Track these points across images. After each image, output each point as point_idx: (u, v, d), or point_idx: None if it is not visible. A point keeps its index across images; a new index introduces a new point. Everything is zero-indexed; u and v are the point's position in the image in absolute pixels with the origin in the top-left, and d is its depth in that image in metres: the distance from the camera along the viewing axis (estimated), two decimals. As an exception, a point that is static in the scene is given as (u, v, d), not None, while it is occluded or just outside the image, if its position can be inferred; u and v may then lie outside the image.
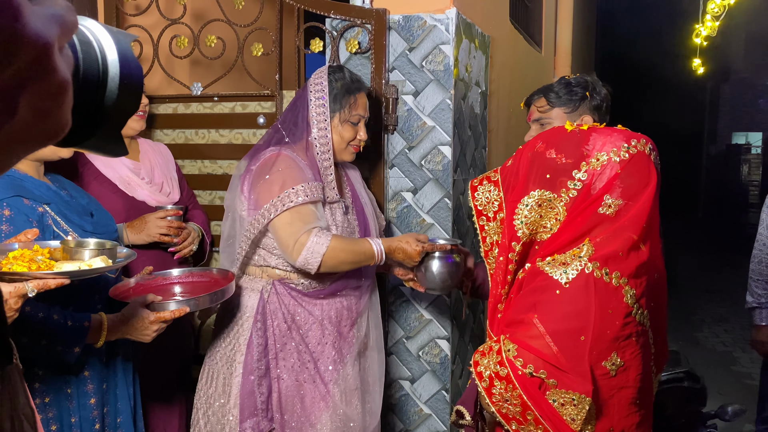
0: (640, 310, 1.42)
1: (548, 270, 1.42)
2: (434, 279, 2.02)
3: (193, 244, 2.36)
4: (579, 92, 2.01)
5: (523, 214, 1.51)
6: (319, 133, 2.00)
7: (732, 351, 6.07)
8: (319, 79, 2.03)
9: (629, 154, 1.46)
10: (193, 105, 2.72)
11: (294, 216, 1.88)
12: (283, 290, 2.02)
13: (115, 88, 0.57)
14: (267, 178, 1.95)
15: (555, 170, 1.49)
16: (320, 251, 1.85)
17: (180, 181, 2.53)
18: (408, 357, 2.62)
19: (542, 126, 2.05)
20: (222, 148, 2.70)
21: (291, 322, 2.02)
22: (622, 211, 1.45)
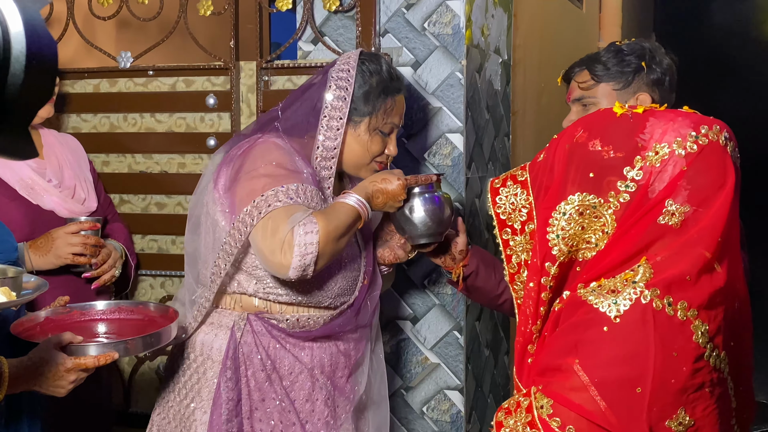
0: (716, 351, 1.43)
1: (593, 300, 1.42)
2: (423, 220, 2.01)
3: (115, 268, 2.36)
4: (633, 63, 2.03)
5: (559, 225, 1.52)
6: (328, 133, 1.99)
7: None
8: (346, 66, 2.02)
9: (698, 146, 1.46)
10: (120, 81, 2.73)
11: (279, 219, 1.84)
12: (261, 328, 2.00)
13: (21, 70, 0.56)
14: (250, 171, 1.94)
15: (601, 167, 1.50)
16: (313, 241, 1.80)
17: (96, 184, 2.53)
18: (409, 414, 2.62)
19: (585, 107, 2.07)
20: (159, 138, 2.71)
21: (272, 370, 2.00)
22: (689, 221, 1.45)
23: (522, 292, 1.62)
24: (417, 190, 2.02)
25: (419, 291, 2.59)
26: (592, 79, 2.05)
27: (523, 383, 1.55)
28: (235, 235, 1.90)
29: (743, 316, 1.55)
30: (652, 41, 2.14)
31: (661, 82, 2.05)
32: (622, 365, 1.38)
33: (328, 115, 1.99)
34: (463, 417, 2.58)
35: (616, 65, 2.04)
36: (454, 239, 2.12)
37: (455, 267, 2.11)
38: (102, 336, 1.98)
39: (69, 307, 2.03)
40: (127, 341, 1.81)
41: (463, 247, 2.11)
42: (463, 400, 2.58)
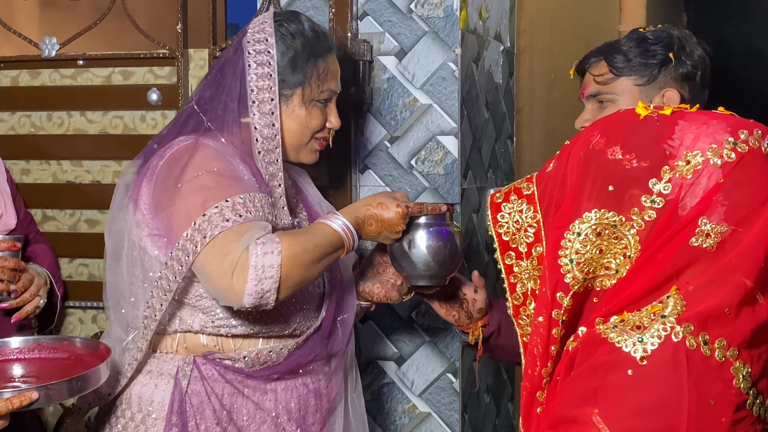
0: (760, 398, 1.44)
1: (615, 338, 1.44)
2: (425, 258, 2.00)
3: (40, 297, 2.35)
4: (660, 54, 2.05)
5: (573, 248, 1.53)
6: (263, 120, 1.98)
7: None
8: (262, 33, 2.02)
9: (737, 154, 1.48)
10: (44, 73, 2.74)
11: (221, 240, 1.82)
12: (212, 373, 1.98)
13: None
14: (179, 187, 1.90)
15: (622, 179, 1.52)
16: (274, 263, 1.77)
17: (14, 197, 2.52)
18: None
19: (602, 105, 2.10)
20: (91, 141, 2.72)
21: (228, 422, 1.99)
22: (727, 243, 1.47)
23: (529, 328, 1.63)
24: (422, 221, 2.00)
25: (406, 326, 2.60)
26: (611, 72, 2.08)
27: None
28: (173, 266, 1.87)
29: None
30: (681, 28, 2.17)
31: (691, 77, 2.08)
32: (650, 416, 1.39)
33: (256, 99, 1.98)
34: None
35: (639, 56, 2.06)
36: (471, 294, 2.13)
37: (473, 327, 2.13)
38: (18, 380, 1.98)
39: (-22, 345, 2.03)
40: (48, 386, 1.79)
41: (483, 305, 2.13)
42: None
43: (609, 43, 2.14)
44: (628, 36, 2.12)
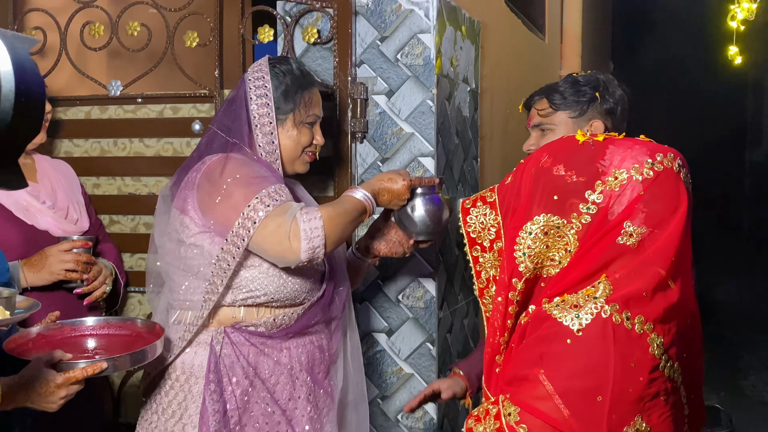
0: (670, 362, 1.45)
1: (557, 314, 1.44)
2: (423, 219, 2.09)
3: (106, 285, 2.34)
4: (588, 93, 2.06)
5: (525, 244, 1.54)
6: (265, 139, 2.01)
7: (782, 404, 6.17)
8: (260, 73, 2.05)
9: (654, 172, 1.49)
10: (111, 108, 2.72)
11: (270, 219, 1.85)
12: (239, 338, 1.98)
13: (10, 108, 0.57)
14: (224, 190, 1.92)
15: (564, 191, 1.52)
16: (317, 225, 1.83)
17: (87, 206, 2.52)
18: (384, 422, 2.62)
19: (543, 132, 2.10)
20: (147, 162, 2.70)
21: (254, 376, 1.99)
22: (646, 241, 1.48)
23: (490, 306, 1.64)
24: (420, 191, 2.08)
25: (394, 305, 2.60)
26: (551, 107, 2.08)
27: (492, 392, 1.57)
28: (231, 250, 1.89)
29: (694, 330, 1.58)
30: (606, 73, 2.18)
31: (613, 111, 2.08)
32: (584, 376, 1.40)
33: (258, 123, 2.02)
34: (436, 424, 2.59)
35: (572, 95, 2.06)
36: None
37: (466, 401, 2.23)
38: (91, 351, 1.97)
39: (60, 323, 2.01)
40: (115, 358, 1.79)
41: None
42: (436, 408, 2.58)
43: (549, 85, 2.14)
44: (564, 79, 2.12)
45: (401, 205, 2.09)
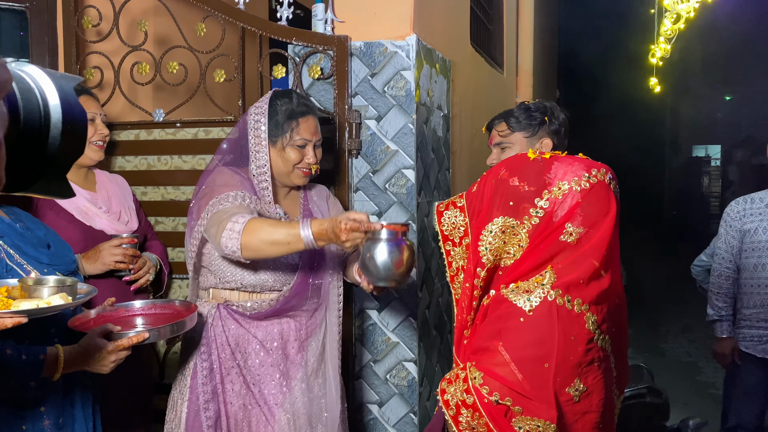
0: (602, 335, 1.45)
1: (512, 298, 1.44)
2: (376, 266, 1.67)
3: (149, 274, 2.33)
4: (538, 117, 2.05)
5: (487, 240, 1.54)
6: (256, 155, 2.01)
7: (697, 361, 6.19)
8: (261, 104, 2.05)
9: (590, 184, 1.49)
10: (155, 131, 2.70)
11: (221, 214, 1.85)
12: (225, 314, 2.02)
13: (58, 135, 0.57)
14: (203, 190, 1.99)
15: (518, 198, 1.52)
16: (238, 230, 1.76)
17: (138, 211, 2.50)
18: (375, 380, 2.61)
19: (503, 150, 2.09)
20: (185, 174, 2.67)
21: (234, 345, 2.01)
22: (583, 239, 1.48)
23: (459, 290, 1.63)
24: (383, 236, 1.67)
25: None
26: (508, 129, 2.07)
27: (461, 359, 1.56)
28: (195, 237, 1.96)
29: (621, 308, 1.58)
30: (552, 101, 2.17)
31: (558, 131, 2.08)
32: (534, 347, 1.40)
33: (253, 143, 2.01)
34: (417, 382, 2.58)
35: (525, 119, 2.06)
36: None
37: None
38: (140, 326, 1.96)
39: (115, 305, 2.01)
40: (159, 328, 1.79)
41: None
42: (417, 369, 2.58)
43: (507, 111, 2.12)
44: (518, 106, 2.11)
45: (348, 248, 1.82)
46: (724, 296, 3.28)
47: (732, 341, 3.29)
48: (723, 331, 3.32)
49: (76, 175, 2.33)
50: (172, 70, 2.63)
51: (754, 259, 3.18)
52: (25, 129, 0.55)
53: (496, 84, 4.31)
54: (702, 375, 5.77)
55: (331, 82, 2.54)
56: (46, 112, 0.57)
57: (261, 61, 2.58)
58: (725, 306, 3.29)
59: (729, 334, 3.30)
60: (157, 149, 2.70)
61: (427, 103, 2.69)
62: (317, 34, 2.51)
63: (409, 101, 2.51)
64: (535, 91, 5.03)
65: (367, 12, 2.55)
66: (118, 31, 2.65)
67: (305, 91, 2.58)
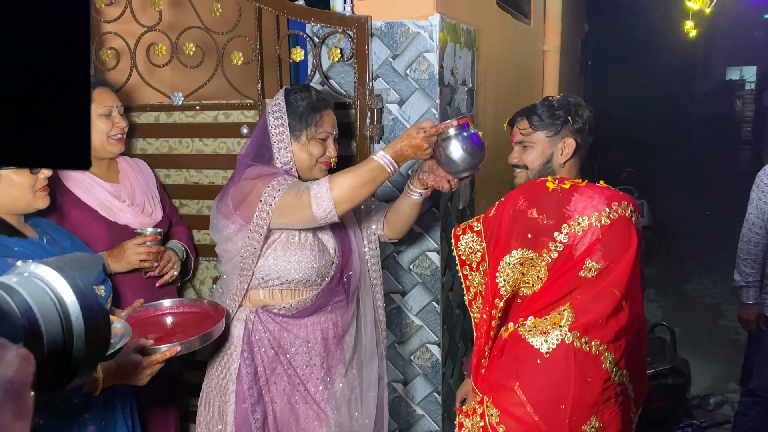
0: (620, 371, 1.45)
1: (529, 338, 1.44)
2: (462, 158, 1.84)
3: (174, 269, 2.36)
4: (561, 116, 1.98)
5: (505, 272, 1.52)
6: (281, 153, 2.00)
7: (719, 303, 6.19)
8: (277, 101, 2.03)
9: (610, 220, 1.45)
10: (175, 114, 2.67)
11: (285, 198, 1.86)
12: (266, 317, 2.04)
13: (81, 347, 0.57)
14: (245, 191, 1.95)
15: (537, 231, 1.49)
16: (324, 190, 1.81)
17: (162, 197, 2.51)
18: (400, 361, 2.67)
19: (524, 148, 2.03)
20: (206, 158, 2.66)
21: (278, 347, 2.05)
22: (603, 273, 1.46)
23: (477, 315, 1.64)
24: (452, 132, 1.83)
25: (406, 272, 2.60)
26: (531, 127, 2.01)
27: (478, 388, 1.58)
28: (254, 236, 1.92)
29: (640, 333, 1.57)
30: (577, 96, 2.09)
31: (582, 130, 2.01)
32: (550, 389, 1.41)
33: (276, 140, 2.00)
34: (440, 363, 2.63)
35: (548, 117, 1.99)
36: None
37: None
38: (169, 326, 2.01)
39: (144, 306, 2.06)
40: (189, 341, 1.83)
41: None
42: (440, 351, 2.62)
43: (529, 107, 2.05)
44: (541, 103, 2.03)
45: (429, 154, 1.88)
46: (753, 262, 3.25)
47: (757, 307, 3.28)
48: (749, 297, 3.30)
49: (98, 167, 2.33)
50: (189, 52, 2.57)
51: (785, 226, 3.13)
52: (49, 354, 0.55)
53: (524, 37, 4.14)
54: (724, 318, 5.78)
55: (351, 64, 2.46)
56: (68, 325, 0.57)
57: (279, 43, 2.51)
58: (753, 272, 3.26)
59: (755, 300, 3.28)
60: (178, 132, 2.67)
61: (451, 82, 2.61)
62: (336, 15, 2.41)
63: (433, 85, 2.44)
64: (563, 38, 4.83)
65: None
66: (132, 11, 2.58)
67: (325, 73, 2.52)
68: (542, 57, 4.64)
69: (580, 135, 2.01)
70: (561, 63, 4.86)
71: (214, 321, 1.97)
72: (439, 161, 1.90)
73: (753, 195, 3.25)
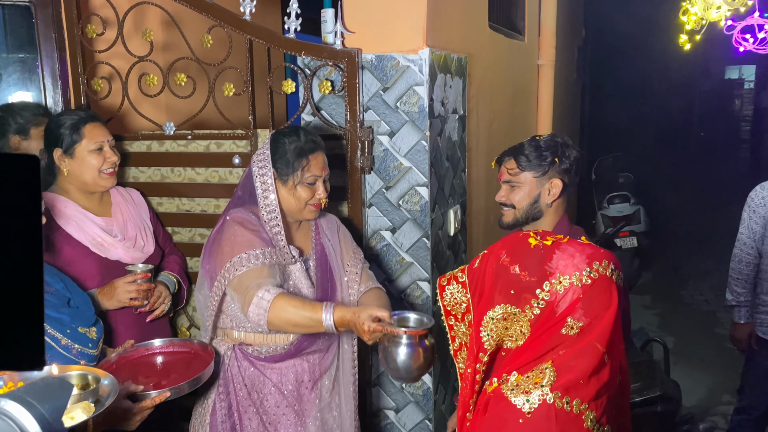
0: (601, 428, 1.46)
1: (512, 398, 1.45)
2: (396, 366, 1.77)
3: (165, 304, 2.38)
4: (548, 157, 2.00)
5: (489, 327, 1.54)
6: (265, 202, 2.02)
7: (716, 311, 6.20)
8: (262, 149, 2.04)
9: (591, 279, 1.47)
10: (167, 142, 2.68)
11: (244, 277, 1.90)
12: (241, 355, 2.07)
13: None
14: (220, 244, 1.99)
15: (519, 287, 1.50)
16: (264, 307, 1.84)
17: (155, 226, 2.53)
18: (392, 388, 2.69)
19: (512, 188, 2.05)
20: (199, 186, 2.68)
21: (250, 386, 2.08)
22: (585, 330, 1.47)
23: (463, 365, 1.65)
24: (404, 339, 1.76)
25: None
26: (518, 167, 2.03)
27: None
28: (214, 297, 1.98)
29: (623, 385, 1.58)
30: (565, 136, 2.10)
31: (569, 170, 2.03)
32: (532, 449, 1.43)
33: (260, 186, 2.02)
34: (432, 391, 2.65)
35: (536, 158, 2.01)
36: None
37: None
38: (159, 366, 2.03)
39: (135, 346, 2.08)
40: (179, 386, 1.84)
41: None
42: (432, 380, 2.64)
43: (516, 147, 2.06)
44: (528, 142, 2.05)
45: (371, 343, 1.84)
46: (744, 282, 3.27)
47: (749, 327, 3.30)
48: (741, 317, 3.33)
49: (90, 201, 2.35)
50: (180, 83, 2.59)
51: (777, 246, 3.14)
52: None
53: (518, 54, 4.14)
54: (720, 327, 5.80)
55: (342, 96, 2.48)
56: None
57: (270, 75, 2.52)
58: (744, 292, 3.29)
59: (747, 320, 3.31)
60: (170, 161, 2.69)
61: (442, 113, 2.62)
62: (327, 48, 2.43)
63: (422, 117, 2.45)
64: (558, 53, 4.83)
65: (379, 23, 2.45)
66: (123, 41, 2.59)
67: (316, 104, 2.53)
68: (537, 71, 4.64)
69: (567, 175, 2.03)
70: (556, 74, 4.86)
71: (203, 362, 1.99)
72: (382, 358, 1.81)
73: (744, 215, 3.27)
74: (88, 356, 1.82)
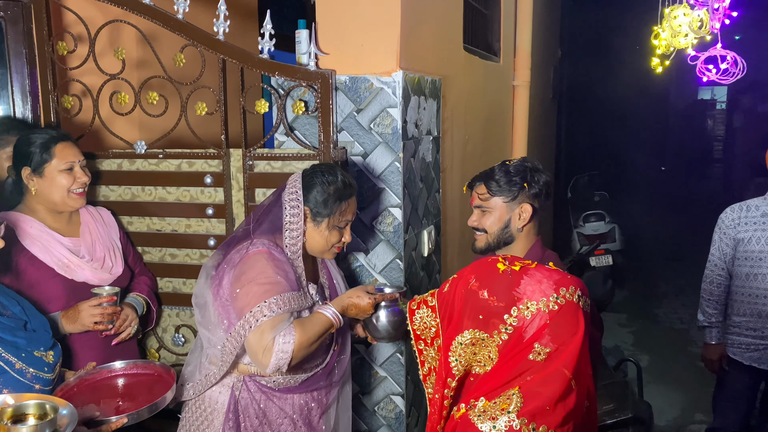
0: (569, 454, 1.47)
1: (479, 424, 1.45)
2: (385, 329, 2.04)
3: (131, 327, 2.33)
4: (518, 182, 2.01)
5: (457, 352, 1.54)
6: (291, 241, 2.00)
7: (689, 329, 6.27)
8: (293, 187, 2.00)
9: (558, 305, 1.47)
10: (138, 161, 2.66)
11: (265, 328, 1.86)
12: (254, 387, 2.03)
13: None
14: (249, 281, 1.92)
15: (488, 312, 1.51)
16: (288, 350, 1.84)
17: (125, 246, 2.50)
18: (364, 412, 2.67)
19: (483, 213, 2.07)
20: (170, 206, 2.65)
21: (263, 417, 2.04)
22: (552, 356, 1.47)
23: (431, 390, 1.65)
24: (383, 305, 2.03)
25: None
26: (489, 193, 2.04)
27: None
28: (233, 341, 1.92)
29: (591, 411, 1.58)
30: (535, 161, 2.11)
31: (539, 195, 2.04)
32: (499, 475, 1.42)
33: (288, 227, 1.99)
34: (404, 414, 2.64)
35: (505, 184, 2.02)
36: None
37: None
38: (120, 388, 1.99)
39: (97, 368, 2.03)
40: (137, 412, 1.80)
41: None
42: (404, 402, 2.63)
43: (486, 172, 2.08)
44: (498, 167, 2.06)
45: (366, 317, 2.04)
46: (715, 303, 3.31)
47: (720, 348, 3.34)
48: (712, 338, 3.36)
49: (58, 221, 2.31)
50: (152, 101, 2.57)
51: (747, 268, 3.18)
52: None
53: (493, 75, 4.18)
54: (693, 345, 5.86)
55: (315, 116, 2.48)
56: None
57: (243, 95, 2.51)
58: (715, 313, 3.32)
59: (718, 341, 3.34)
60: (141, 180, 2.66)
61: (416, 135, 2.63)
62: (300, 69, 2.43)
63: (396, 139, 2.46)
64: (533, 72, 4.88)
65: (353, 44, 2.46)
66: (95, 59, 2.57)
67: (290, 124, 2.53)
68: (512, 91, 4.69)
69: (536, 200, 2.05)
70: (531, 95, 4.91)
71: (165, 384, 1.95)
72: (368, 326, 2.08)
73: (715, 236, 3.31)
74: (43, 380, 1.78)
